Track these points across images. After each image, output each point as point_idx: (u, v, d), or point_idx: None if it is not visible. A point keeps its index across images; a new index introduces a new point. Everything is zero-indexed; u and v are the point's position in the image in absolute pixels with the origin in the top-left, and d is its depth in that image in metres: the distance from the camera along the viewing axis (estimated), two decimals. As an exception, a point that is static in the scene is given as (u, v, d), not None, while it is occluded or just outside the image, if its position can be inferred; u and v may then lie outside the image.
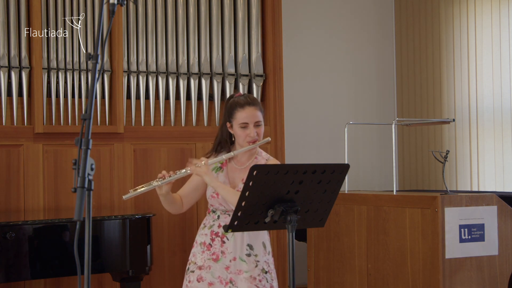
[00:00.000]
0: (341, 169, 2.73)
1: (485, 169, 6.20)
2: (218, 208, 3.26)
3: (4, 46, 5.13)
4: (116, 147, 5.42)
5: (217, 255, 3.21)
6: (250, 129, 3.17)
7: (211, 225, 3.27)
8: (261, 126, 3.20)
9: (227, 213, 3.23)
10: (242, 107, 3.19)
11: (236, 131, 3.21)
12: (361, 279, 4.65)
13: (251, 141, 3.19)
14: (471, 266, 4.15)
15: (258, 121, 3.19)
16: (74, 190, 2.06)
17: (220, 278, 3.19)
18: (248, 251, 3.22)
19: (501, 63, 6.09)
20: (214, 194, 3.23)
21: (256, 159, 3.27)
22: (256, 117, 3.18)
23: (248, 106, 3.19)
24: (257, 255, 3.22)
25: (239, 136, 3.20)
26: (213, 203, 3.26)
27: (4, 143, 5.10)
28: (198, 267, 3.22)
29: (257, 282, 3.18)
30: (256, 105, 3.22)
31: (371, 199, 4.62)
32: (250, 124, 3.17)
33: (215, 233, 3.25)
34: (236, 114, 3.19)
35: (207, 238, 3.25)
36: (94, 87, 2.15)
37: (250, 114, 3.18)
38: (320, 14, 6.91)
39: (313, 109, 6.84)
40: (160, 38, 5.61)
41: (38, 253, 4.25)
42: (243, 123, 3.17)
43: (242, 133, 3.18)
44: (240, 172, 3.25)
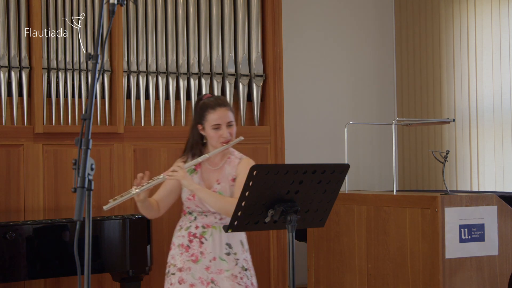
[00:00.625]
0: (341, 169, 2.73)
1: (485, 169, 6.20)
2: (195, 210, 3.28)
3: (4, 46, 5.13)
4: (116, 147, 5.42)
5: (196, 256, 3.23)
6: (223, 130, 3.21)
7: (188, 227, 3.29)
8: (233, 126, 3.25)
9: (204, 214, 3.26)
10: (214, 109, 3.22)
11: (208, 133, 3.24)
12: (361, 279, 4.65)
13: (224, 142, 3.22)
14: (471, 266, 4.15)
15: (230, 121, 3.23)
16: (74, 190, 2.06)
17: (201, 279, 3.21)
18: (227, 249, 3.25)
19: (501, 63, 6.09)
20: (190, 196, 3.25)
21: (229, 159, 3.30)
22: (228, 118, 3.22)
23: (219, 107, 3.22)
24: (236, 253, 3.26)
25: (212, 137, 3.23)
26: (190, 205, 3.28)
27: (4, 143, 5.10)
28: (178, 269, 3.24)
29: (239, 280, 3.22)
30: (227, 105, 3.26)
31: (371, 199, 4.62)
32: (222, 125, 3.21)
33: (193, 234, 3.27)
34: (208, 116, 3.22)
35: (184, 240, 3.27)
36: (94, 87, 2.15)
37: (222, 115, 3.21)
38: (320, 14, 6.91)
39: (313, 109, 6.84)
40: (160, 38, 5.61)
41: (38, 253, 4.25)
42: (215, 124, 3.21)
43: (215, 134, 3.21)
44: (214, 172, 3.29)
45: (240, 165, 3.26)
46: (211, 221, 3.25)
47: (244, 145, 3.56)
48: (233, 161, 3.28)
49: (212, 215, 3.24)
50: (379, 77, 7.16)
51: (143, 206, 3.22)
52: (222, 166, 3.28)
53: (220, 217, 3.24)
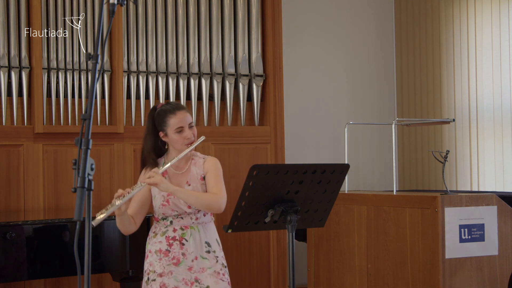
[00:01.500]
0: (341, 169, 2.73)
1: (485, 169, 6.20)
2: (170, 214, 3.31)
3: (4, 46, 5.13)
4: (116, 147, 5.42)
5: (177, 258, 3.26)
6: (186, 131, 3.27)
7: (163, 232, 3.31)
8: (193, 127, 3.32)
9: (180, 216, 3.30)
10: (174, 113, 3.29)
11: (172, 137, 3.29)
12: (361, 279, 4.65)
13: (188, 143, 3.28)
14: (471, 266, 4.15)
15: (191, 123, 3.31)
16: (74, 190, 2.06)
17: (185, 280, 3.23)
18: (207, 248, 3.30)
19: (501, 63, 6.09)
20: (165, 202, 3.29)
21: (193, 160, 3.36)
22: (188, 119, 3.30)
23: (178, 111, 3.30)
24: (215, 251, 3.31)
25: (176, 141, 3.28)
26: (165, 211, 3.31)
27: (4, 143, 5.10)
28: (159, 275, 3.26)
29: (222, 276, 3.28)
30: (185, 108, 3.36)
31: (371, 199, 4.62)
32: (185, 127, 3.27)
33: (172, 237, 3.29)
34: (169, 121, 3.28)
35: (162, 245, 3.29)
36: (94, 87, 2.15)
37: (182, 118, 3.28)
38: (320, 14, 6.91)
39: (313, 109, 6.84)
40: (160, 38, 5.61)
41: (38, 253, 4.25)
42: (178, 127, 3.27)
43: (179, 137, 3.27)
44: (182, 176, 3.34)
45: (206, 163, 3.34)
46: (188, 222, 3.29)
47: (244, 145, 3.57)
48: (198, 162, 3.35)
49: (188, 216, 3.28)
50: (379, 77, 7.16)
51: (123, 219, 3.24)
52: (188, 168, 3.34)
53: (196, 217, 3.30)
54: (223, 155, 5.67)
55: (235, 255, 5.66)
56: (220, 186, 3.26)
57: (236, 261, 5.63)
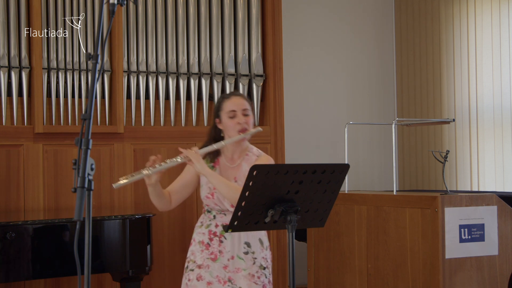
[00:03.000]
0: (341, 169, 2.73)
1: (485, 169, 6.20)
2: (214, 208, 3.27)
3: (4, 46, 5.13)
4: (116, 147, 5.42)
5: (215, 254, 3.23)
6: (239, 117, 3.20)
7: (208, 224, 3.28)
8: (249, 115, 3.22)
9: (223, 212, 3.25)
10: (228, 97, 3.26)
11: (225, 123, 3.22)
12: (361, 279, 4.65)
13: (241, 130, 3.19)
14: (471, 266, 4.15)
15: (245, 109, 3.22)
16: (74, 190, 2.06)
17: (219, 278, 3.21)
18: (245, 249, 3.24)
19: (501, 63, 6.09)
20: (209, 194, 3.24)
21: (247, 156, 3.27)
22: (243, 105, 3.22)
23: (234, 96, 3.26)
24: (254, 252, 3.25)
25: (228, 127, 3.21)
26: (208, 203, 3.26)
27: (4, 143, 5.10)
28: (198, 266, 3.24)
29: (256, 279, 3.21)
30: (243, 95, 3.29)
31: (371, 199, 4.62)
32: (237, 112, 3.20)
33: (213, 232, 3.26)
34: (223, 105, 3.24)
35: (205, 237, 3.26)
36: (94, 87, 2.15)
37: (236, 102, 3.22)
38: (320, 14, 6.91)
39: (313, 109, 6.84)
40: (160, 38, 5.61)
41: (38, 253, 4.25)
42: (230, 111, 3.20)
43: (231, 122, 3.20)
44: (232, 170, 3.26)
45: (257, 161, 3.23)
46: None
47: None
48: (250, 158, 3.25)
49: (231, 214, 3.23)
50: (379, 77, 7.16)
51: (154, 191, 3.15)
52: (239, 164, 3.25)
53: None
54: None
55: (235, 255, 5.65)
56: None
57: (236, 261, 5.62)
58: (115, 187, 3.06)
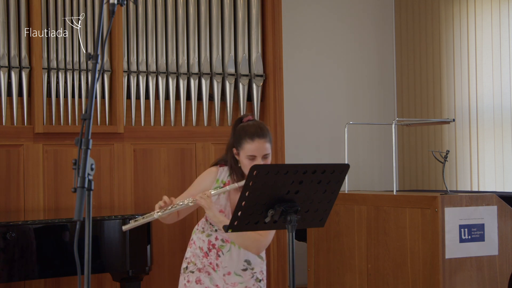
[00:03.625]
0: (341, 169, 2.73)
1: (485, 169, 6.20)
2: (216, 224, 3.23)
3: (4, 46, 5.13)
4: (116, 147, 5.42)
5: (213, 265, 3.23)
6: (258, 161, 3.08)
7: (209, 234, 3.27)
8: (268, 157, 3.12)
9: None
10: (252, 139, 3.08)
11: (242, 161, 3.13)
12: (361, 279, 4.65)
13: None
14: (471, 266, 4.15)
15: (266, 154, 3.11)
16: (74, 190, 2.06)
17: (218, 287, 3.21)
18: (245, 266, 3.24)
19: (501, 63, 6.09)
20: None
21: None
22: (264, 150, 3.09)
23: (257, 139, 3.08)
24: (253, 268, 3.25)
25: (245, 166, 3.11)
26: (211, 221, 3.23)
27: (4, 143, 5.10)
28: (198, 269, 3.24)
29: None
30: (266, 136, 3.11)
31: (371, 199, 4.62)
32: (258, 157, 3.09)
33: (212, 244, 3.25)
34: (245, 145, 3.09)
35: (204, 245, 3.26)
36: (94, 87, 2.15)
37: (259, 147, 3.08)
38: (320, 14, 6.91)
39: (313, 109, 6.84)
40: (160, 38, 5.61)
41: (38, 253, 4.25)
42: (251, 155, 3.09)
43: (248, 163, 3.07)
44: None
45: None
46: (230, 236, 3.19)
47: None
48: None
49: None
50: (379, 77, 7.16)
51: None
52: None
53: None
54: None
55: (235, 255, 5.65)
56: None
57: (236, 261, 5.62)
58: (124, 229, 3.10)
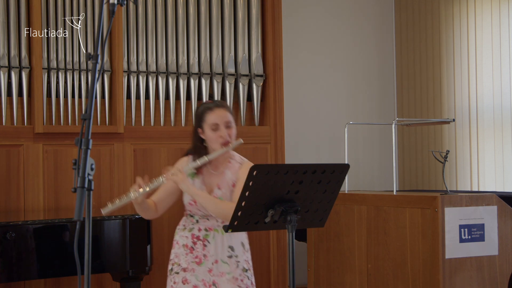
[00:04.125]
0: (341, 169, 2.73)
1: (485, 169, 6.20)
2: (197, 213, 3.27)
3: (4, 46, 5.13)
4: (116, 147, 5.42)
5: (200, 258, 3.24)
6: (221, 130, 3.18)
7: (191, 228, 3.29)
8: (232, 127, 3.21)
9: (206, 217, 3.26)
10: (212, 110, 3.21)
11: (207, 135, 3.21)
12: (361, 279, 4.65)
13: (223, 143, 3.18)
14: (471, 266, 4.15)
15: (228, 122, 3.20)
16: (74, 190, 2.06)
17: (204, 281, 3.22)
18: (229, 252, 3.25)
19: (501, 63, 6.09)
20: (192, 201, 3.24)
21: (229, 163, 3.26)
22: (226, 117, 3.19)
23: (217, 108, 3.21)
24: (237, 256, 3.27)
25: (211, 139, 3.20)
26: (191, 209, 3.28)
27: (4, 143, 5.10)
28: (183, 269, 3.25)
29: (239, 282, 3.24)
30: (225, 107, 3.25)
31: (371, 199, 4.62)
32: (220, 125, 3.18)
33: (196, 236, 3.27)
34: (206, 117, 3.21)
35: (188, 241, 3.27)
36: (94, 87, 2.15)
37: (220, 115, 3.19)
38: (320, 14, 6.91)
39: (313, 109, 6.84)
40: (160, 38, 5.61)
41: (38, 253, 4.25)
42: (213, 123, 3.18)
43: (213, 135, 3.18)
44: (216, 177, 3.26)
45: (240, 170, 3.22)
46: (213, 224, 3.25)
47: (244, 145, 3.55)
48: (233, 166, 3.25)
49: (214, 219, 3.24)
50: (379, 77, 7.16)
51: (140, 207, 3.22)
52: (223, 171, 3.25)
53: (222, 220, 3.23)
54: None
55: (235, 255, 5.65)
56: None
57: (236, 261, 5.62)
58: (103, 212, 3.12)
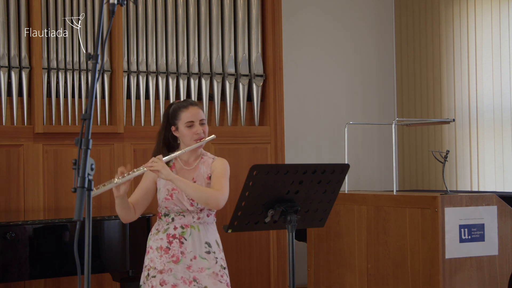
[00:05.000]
0: (341, 169, 2.73)
1: (485, 169, 6.20)
2: (173, 210, 3.32)
3: (4, 46, 5.13)
4: (116, 147, 5.42)
5: (177, 256, 3.27)
6: (196, 127, 3.32)
7: (165, 229, 3.33)
8: (205, 124, 3.37)
9: (182, 213, 3.31)
10: (186, 108, 3.36)
11: (182, 132, 3.34)
12: (361, 279, 4.65)
13: (198, 139, 3.32)
14: (471, 266, 4.15)
15: (202, 119, 3.36)
16: (74, 190, 2.06)
17: (183, 279, 3.24)
18: (207, 248, 3.30)
19: (501, 63, 6.09)
20: (168, 196, 3.31)
21: (202, 159, 3.39)
22: (200, 116, 3.35)
23: (191, 106, 3.37)
24: (215, 252, 3.32)
25: (185, 135, 3.33)
26: (168, 205, 3.32)
27: (4, 143, 5.10)
28: (159, 271, 3.27)
29: (220, 278, 3.28)
30: (198, 105, 3.41)
31: (371, 199, 4.62)
32: (195, 122, 3.33)
33: (172, 235, 3.30)
34: (181, 115, 3.34)
35: (163, 242, 3.31)
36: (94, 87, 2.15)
37: (194, 113, 3.34)
38: (320, 14, 6.91)
39: (313, 109, 6.84)
40: (160, 38, 5.61)
41: (38, 253, 4.25)
42: (189, 121, 3.32)
43: (188, 132, 3.32)
44: (189, 172, 3.37)
45: (214, 163, 3.37)
46: (189, 221, 3.30)
47: (244, 145, 3.57)
48: (207, 161, 3.39)
49: (190, 215, 3.29)
50: (379, 77, 7.16)
51: (121, 203, 3.25)
52: (196, 166, 3.37)
53: (198, 216, 3.30)
54: (223, 155, 5.66)
55: (235, 255, 5.66)
56: (223, 184, 3.27)
57: (236, 261, 5.63)
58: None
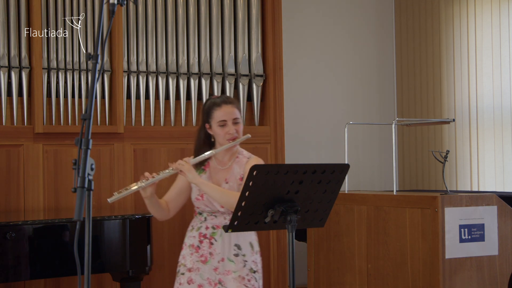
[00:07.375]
0: (341, 169, 2.73)
1: (485, 169, 6.20)
2: (204, 210, 3.29)
3: (4, 46, 5.13)
4: (116, 147, 5.42)
5: (205, 256, 3.25)
6: (229, 126, 3.24)
7: (198, 227, 3.31)
8: (239, 123, 3.27)
9: (213, 214, 3.27)
10: (220, 106, 3.26)
11: (215, 131, 3.26)
12: (361, 279, 4.65)
13: (230, 139, 3.24)
14: (471, 266, 4.15)
15: (236, 118, 3.26)
16: (74, 190, 2.06)
17: (209, 280, 3.23)
18: (236, 251, 3.25)
19: (501, 63, 6.09)
20: (199, 196, 3.27)
21: (237, 158, 3.31)
22: (233, 114, 3.25)
23: (225, 105, 3.26)
24: (245, 255, 3.26)
25: (218, 135, 3.25)
26: (199, 205, 3.29)
27: (4, 143, 5.10)
28: (188, 269, 3.26)
29: (246, 282, 3.23)
30: (233, 103, 3.30)
31: (371, 199, 4.62)
32: (228, 122, 3.24)
33: (203, 235, 3.28)
34: (214, 113, 3.26)
35: (195, 240, 3.29)
36: (94, 87, 2.15)
37: (227, 112, 3.24)
38: (320, 14, 6.91)
39: (313, 109, 6.84)
40: (160, 38, 5.61)
41: (38, 253, 4.25)
42: (221, 121, 3.24)
43: (221, 131, 3.24)
44: (223, 172, 3.30)
45: (247, 164, 3.27)
46: (221, 222, 3.26)
47: (244, 145, 3.56)
48: (241, 160, 3.30)
49: (222, 216, 3.25)
50: (379, 77, 7.16)
51: (150, 203, 3.21)
52: (230, 166, 3.30)
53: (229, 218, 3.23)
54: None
55: (235, 255, 5.65)
56: None
57: (236, 261, 5.62)
58: (109, 201, 3.13)
